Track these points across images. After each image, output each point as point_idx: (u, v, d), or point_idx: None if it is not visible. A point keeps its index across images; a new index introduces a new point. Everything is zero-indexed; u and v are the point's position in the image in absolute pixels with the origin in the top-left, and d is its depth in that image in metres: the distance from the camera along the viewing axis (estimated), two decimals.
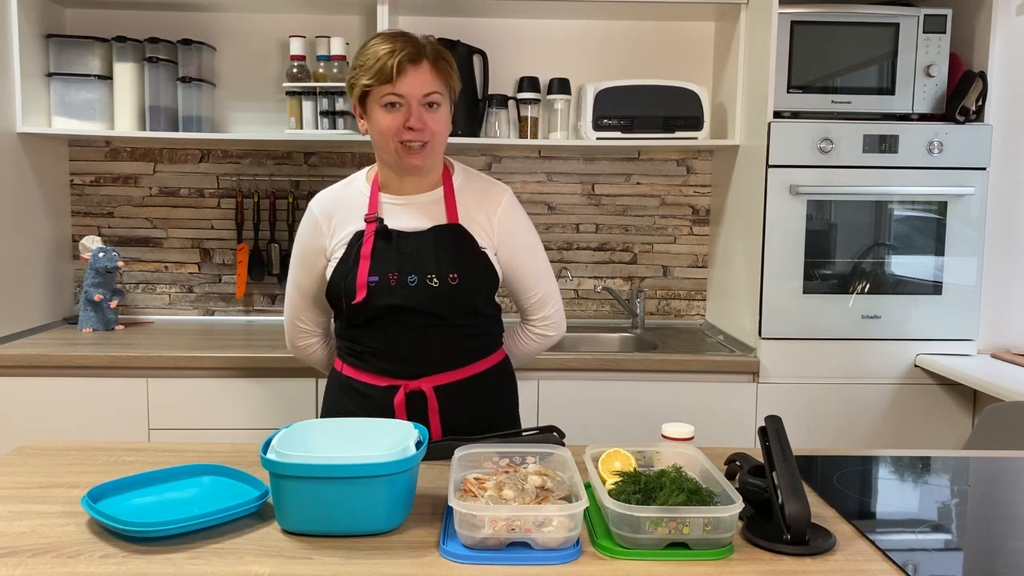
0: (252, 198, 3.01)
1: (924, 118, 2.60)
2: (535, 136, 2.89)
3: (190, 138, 2.82)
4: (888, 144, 2.52)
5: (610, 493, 1.21)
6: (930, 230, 2.58)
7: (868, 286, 2.58)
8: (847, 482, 1.47)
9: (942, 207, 2.57)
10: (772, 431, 1.26)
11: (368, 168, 1.80)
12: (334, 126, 2.78)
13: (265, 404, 2.47)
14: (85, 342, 2.60)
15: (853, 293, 2.58)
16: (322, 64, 2.81)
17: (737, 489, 1.23)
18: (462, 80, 2.80)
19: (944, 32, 2.55)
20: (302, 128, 2.79)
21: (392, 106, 1.63)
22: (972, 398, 2.57)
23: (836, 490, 1.42)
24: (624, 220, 3.11)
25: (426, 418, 1.69)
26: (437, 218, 1.71)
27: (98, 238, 2.80)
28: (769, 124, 2.51)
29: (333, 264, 1.71)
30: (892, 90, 2.58)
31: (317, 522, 1.19)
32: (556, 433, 1.55)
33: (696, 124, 2.74)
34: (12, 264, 2.66)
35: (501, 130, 2.90)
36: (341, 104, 2.77)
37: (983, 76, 2.52)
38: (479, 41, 2.93)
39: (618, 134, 2.74)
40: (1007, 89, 2.59)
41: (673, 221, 3.11)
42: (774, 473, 1.22)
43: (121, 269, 2.85)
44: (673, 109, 2.73)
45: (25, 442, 1.62)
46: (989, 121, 2.55)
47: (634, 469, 1.30)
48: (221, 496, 1.32)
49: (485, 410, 1.77)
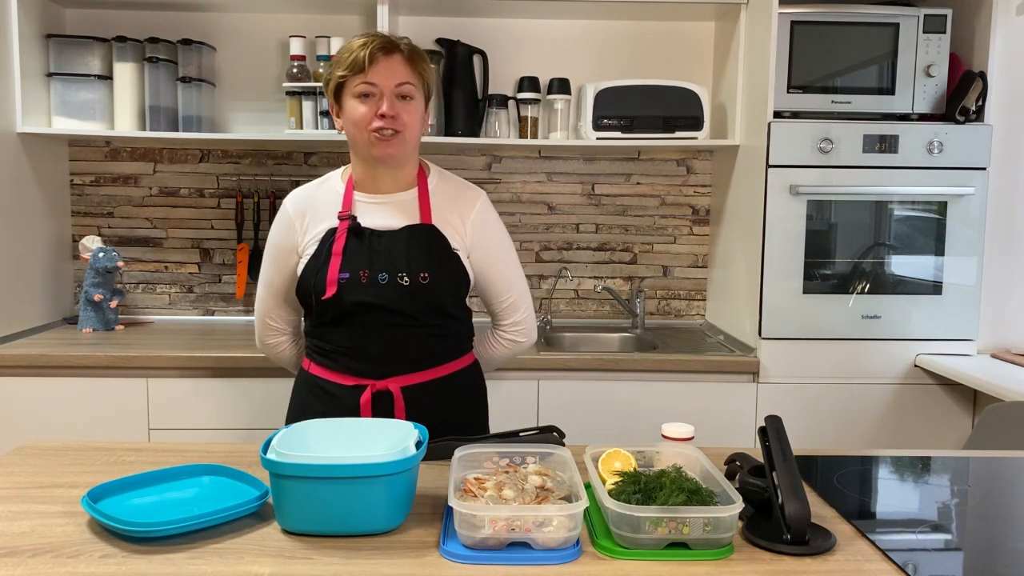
0: (252, 198, 3.01)
1: (924, 118, 2.60)
2: (535, 136, 2.89)
3: (190, 138, 2.82)
4: (888, 144, 2.52)
5: (610, 493, 1.21)
6: (930, 230, 2.58)
7: (868, 286, 2.58)
8: (847, 482, 1.47)
9: (942, 207, 2.57)
10: (772, 431, 1.26)
11: (343, 168, 1.81)
12: (334, 126, 2.76)
13: (265, 404, 2.47)
14: (85, 342, 2.60)
15: (853, 293, 2.58)
16: (322, 64, 2.81)
17: (737, 489, 1.23)
18: (462, 80, 2.85)
19: (944, 32, 2.55)
20: (302, 128, 2.79)
21: (365, 96, 1.65)
22: (972, 398, 2.57)
23: (836, 490, 1.42)
24: (624, 220, 3.11)
25: (392, 419, 1.68)
26: (411, 217, 1.72)
27: (98, 238, 2.80)
28: (769, 124, 2.51)
29: (304, 260, 1.71)
30: (892, 90, 2.58)
31: (317, 522, 1.19)
32: (556, 433, 1.55)
33: (696, 124, 2.74)
34: (12, 264, 2.66)
35: (501, 130, 2.90)
36: None
37: (983, 76, 2.52)
38: (479, 41, 2.93)
39: (618, 134, 2.74)
40: (1007, 89, 2.59)
41: (673, 221, 3.11)
42: (774, 473, 1.22)
43: (121, 269, 2.84)
44: (673, 109, 2.73)
45: (25, 442, 1.62)
46: (989, 121, 2.55)
47: (634, 469, 1.30)
48: (221, 496, 1.32)
49: (453, 413, 1.75)
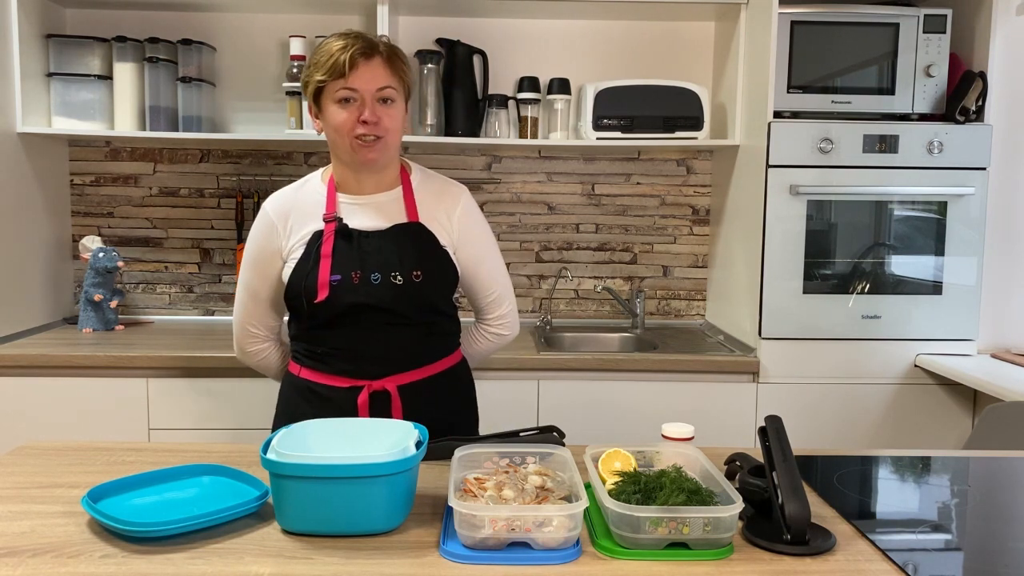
0: (252, 198, 3.01)
1: (924, 118, 2.60)
2: (535, 136, 2.89)
3: (190, 138, 2.82)
4: (888, 144, 2.52)
5: (610, 493, 1.21)
6: (930, 230, 2.58)
7: (868, 286, 2.58)
8: (847, 482, 1.47)
9: (942, 207, 2.57)
10: (772, 431, 1.26)
11: (323, 169, 1.79)
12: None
13: (265, 404, 2.45)
14: (85, 342, 2.60)
15: (853, 293, 2.57)
16: None
17: (737, 489, 1.23)
18: (462, 80, 2.85)
19: (944, 32, 2.55)
20: (302, 128, 2.79)
21: (346, 101, 1.63)
22: (972, 398, 2.57)
23: (836, 490, 1.42)
24: (624, 220, 3.11)
25: (389, 418, 1.68)
26: (397, 217, 1.71)
27: (98, 238, 2.80)
28: (769, 124, 2.51)
29: (291, 265, 1.69)
30: (892, 90, 2.58)
31: (317, 522, 1.19)
32: (556, 433, 1.55)
33: (696, 124, 2.74)
34: (12, 264, 2.66)
35: (501, 130, 2.90)
36: None
37: (983, 76, 2.52)
38: (479, 41, 2.93)
39: (618, 134, 2.74)
40: (1007, 89, 2.59)
41: (673, 221, 3.11)
42: (774, 473, 1.22)
43: (121, 269, 2.84)
44: (673, 109, 2.73)
45: (25, 442, 1.62)
46: (989, 121, 2.55)
47: (634, 469, 1.30)
48: (221, 496, 1.32)
49: (447, 410, 1.77)
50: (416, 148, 3.01)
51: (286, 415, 1.76)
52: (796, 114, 2.58)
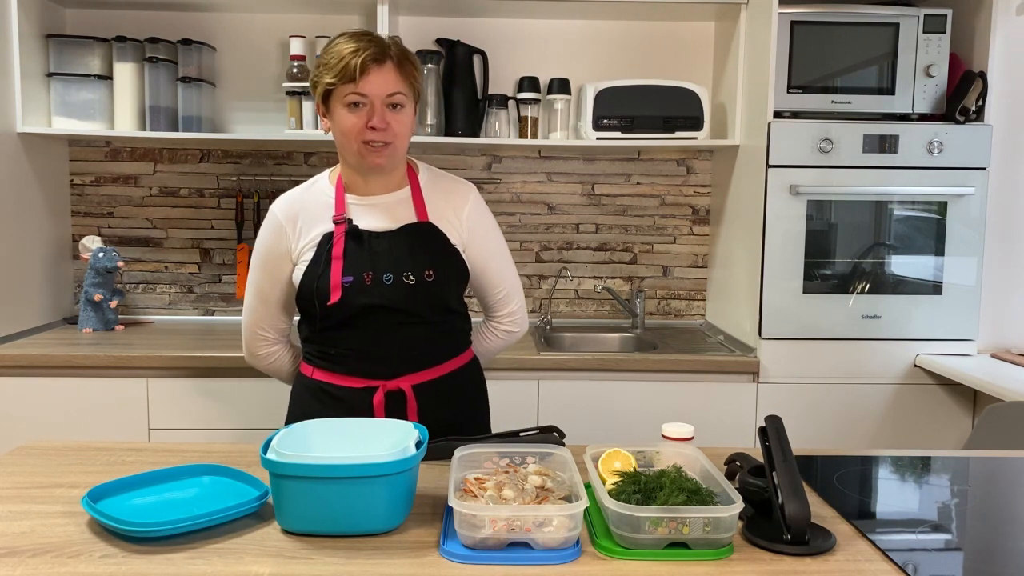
0: (252, 198, 3.01)
1: (924, 118, 2.60)
2: (535, 136, 2.89)
3: (190, 138, 2.82)
4: (888, 144, 2.52)
5: (610, 493, 1.21)
6: (930, 230, 2.58)
7: (868, 286, 2.58)
8: (847, 482, 1.47)
9: (942, 207, 2.57)
10: (772, 431, 1.26)
11: (330, 170, 1.79)
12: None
13: (265, 404, 2.47)
14: (85, 342, 2.60)
15: (853, 293, 2.57)
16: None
17: (737, 489, 1.23)
18: (462, 80, 2.85)
19: (944, 32, 2.55)
20: (302, 128, 2.79)
21: (355, 106, 1.62)
22: (972, 398, 2.57)
23: (836, 490, 1.42)
24: (624, 220, 3.11)
25: (404, 418, 1.67)
26: (406, 217, 1.71)
27: (98, 238, 2.80)
28: (769, 124, 2.51)
29: (302, 267, 1.69)
30: (892, 90, 2.58)
31: (317, 522, 1.19)
32: (556, 433, 1.55)
33: (696, 124, 2.74)
34: (12, 264, 2.66)
35: (501, 130, 2.90)
36: None
37: (983, 76, 2.52)
38: (479, 41, 2.93)
39: (618, 134, 2.74)
40: (1007, 89, 2.59)
41: (673, 221, 3.11)
42: (774, 473, 1.22)
43: (121, 269, 2.84)
44: (673, 109, 2.73)
45: (25, 442, 1.62)
46: (989, 121, 2.55)
47: (634, 469, 1.30)
48: (221, 496, 1.32)
49: (460, 408, 1.78)
50: (416, 148, 3.00)
51: (299, 416, 1.74)
52: (796, 114, 2.58)
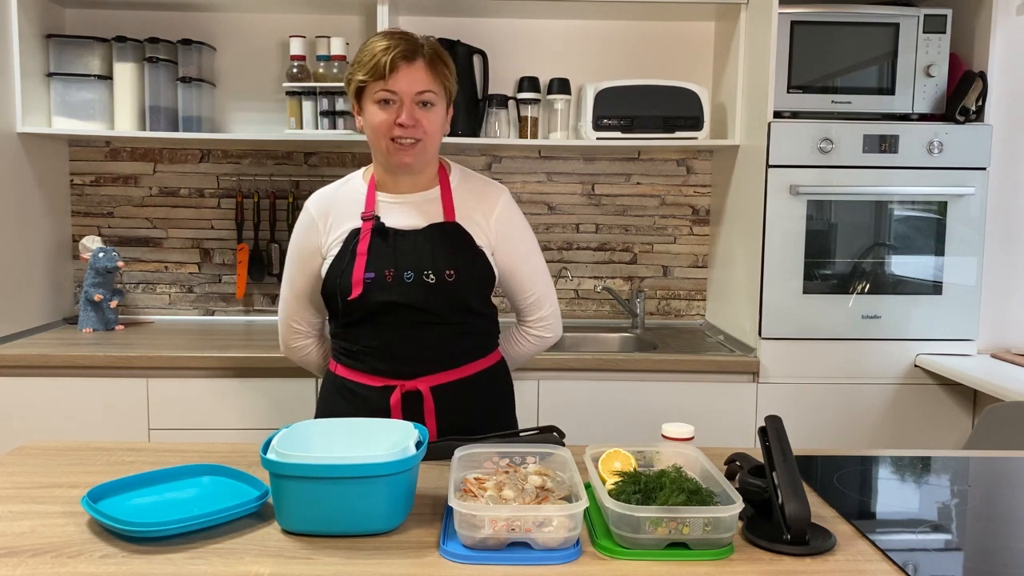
0: (252, 198, 3.01)
1: (924, 118, 2.60)
2: (535, 136, 2.89)
3: (190, 138, 2.82)
4: (888, 144, 2.52)
5: (610, 493, 1.21)
6: (930, 230, 2.58)
7: (868, 286, 2.58)
8: (847, 482, 1.47)
9: (942, 207, 2.57)
10: (772, 431, 1.26)
11: (365, 168, 1.81)
12: (334, 126, 2.78)
13: (265, 404, 2.47)
14: (85, 342, 2.60)
15: (853, 293, 2.57)
16: (322, 64, 2.81)
17: (737, 489, 1.23)
18: (462, 80, 2.85)
19: (944, 32, 2.55)
20: (302, 128, 2.79)
21: (385, 103, 1.64)
22: (972, 398, 2.57)
23: (836, 490, 1.42)
24: (624, 220, 3.11)
25: (422, 419, 1.68)
26: (434, 216, 1.72)
27: (98, 238, 2.80)
28: (769, 124, 2.51)
29: (328, 262, 1.71)
30: (892, 90, 2.58)
31: (317, 522, 1.19)
32: (556, 433, 1.55)
33: (696, 124, 2.74)
34: (12, 264, 2.66)
35: (501, 130, 2.90)
36: (341, 104, 2.77)
37: (983, 76, 2.52)
38: (479, 41, 2.93)
39: (618, 134, 2.74)
40: (1007, 89, 2.59)
41: (673, 221, 3.11)
42: (774, 473, 1.22)
43: (121, 269, 2.84)
44: (673, 109, 2.73)
45: (25, 442, 1.62)
46: (989, 121, 2.55)
47: (634, 469, 1.30)
48: (221, 496, 1.32)
49: (481, 411, 1.76)
50: None
51: (325, 412, 1.78)
52: (796, 114, 2.58)
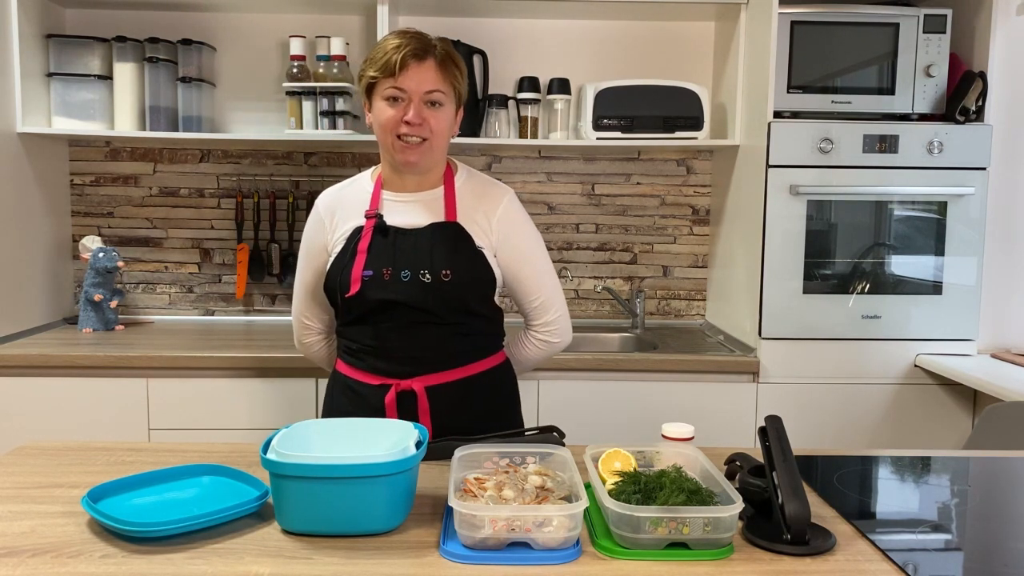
0: (252, 198, 3.01)
1: (924, 118, 2.60)
2: (535, 136, 2.89)
3: (190, 138, 2.82)
4: (888, 144, 2.52)
5: (610, 493, 1.21)
6: (930, 230, 2.58)
7: (868, 286, 2.58)
8: (847, 482, 1.47)
9: (942, 207, 2.57)
10: (772, 431, 1.26)
11: (375, 167, 1.82)
12: (334, 126, 2.78)
13: (265, 404, 2.47)
14: (85, 342, 2.60)
15: (853, 293, 2.57)
16: (322, 64, 2.81)
17: (737, 489, 1.23)
18: None
19: (944, 32, 2.55)
20: (302, 128, 2.79)
21: (394, 100, 1.65)
22: (972, 398, 2.57)
23: (836, 490, 1.42)
24: (624, 220, 3.11)
25: (416, 418, 1.68)
26: (436, 216, 1.72)
27: (98, 238, 2.80)
28: (769, 124, 2.51)
29: (332, 259, 1.73)
30: (892, 90, 2.58)
31: (317, 522, 1.19)
32: (556, 433, 1.55)
33: (696, 124, 2.74)
34: (12, 264, 2.66)
35: (501, 130, 2.90)
36: (341, 104, 2.77)
37: (983, 76, 2.52)
38: (479, 41, 2.93)
39: (618, 134, 2.74)
40: (1007, 89, 2.59)
41: (673, 221, 3.11)
42: (774, 473, 1.22)
43: (121, 269, 2.84)
44: (673, 109, 2.73)
45: (25, 442, 1.62)
46: (989, 121, 2.55)
47: (634, 469, 1.30)
48: (221, 496, 1.32)
49: (479, 414, 1.73)
50: None
51: (329, 409, 1.81)
52: (796, 114, 2.58)
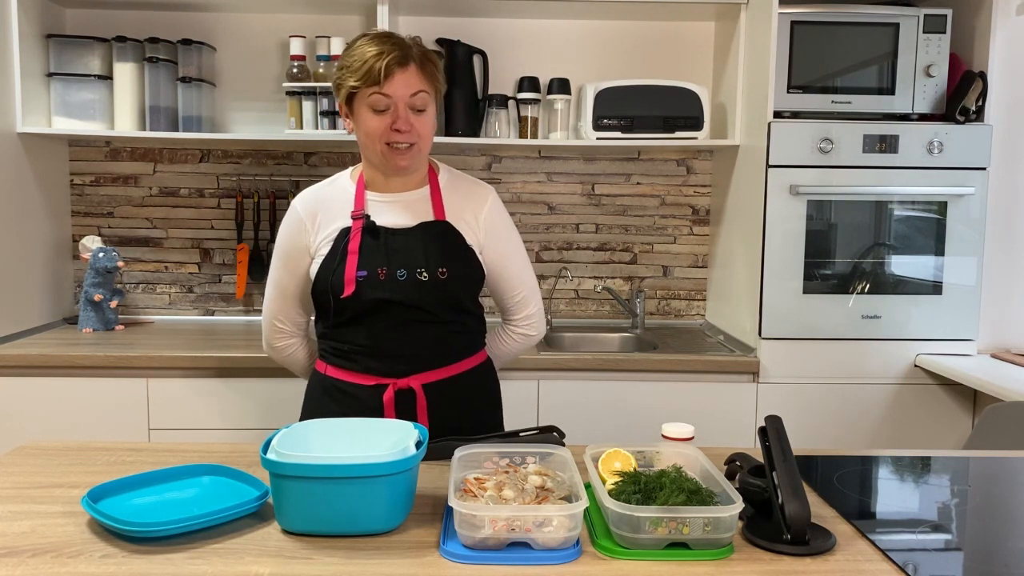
0: (252, 198, 3.01)
1: (924, 118, 2.60)
2: (535, 136, 2.89)
3: (190, 138, 2.82)
4: (888, 144, 2.52)
5: (610, 493, 1.21)
6: (930, 230, 2.58)
7: (868, 286, 2.58)
8: (847, 482, 1.47)
9: (942, 207, 2.57)
10: (772, 431, 1.26)
11: (352, 168, 1.81)
12: (334, 126, 2.78)
13: (265, 404, 2.47)
14: (85, 342, 2.60)
15: (853, 293, 2.57)
16: (322, 64, 2.81)
17: (737, 489, 1.23)
18: (462, 80, 2.85)
19: (944, 32, 2.55)
20: (302, 128, 2.79)
21: (380, 108, 1.64)
22: (972, 398, 2.57)
23: (836, 490, 1.42)
24: (624, 220, 3.11)
25: (414, 417, 1.69)
26: (424, 215, 1.73)
27: (98, 238, 2.80)
28: (769, 124, 2.51)
29: (318, 261, 1.71)
30: (892, 90, 2.58)
31: (317, 522, 1.19)
32: (556, 433, 1.55)
33: (696, 124, 2.74)
34: (12, 264, 2.66)
35: (501, 130, 2.90)
36: None
37: (983, 76, 2.52)
38: (479, 41, 2.93)
39: (618, 134, 2.74)
40: (1007, 89, 2.59)
41: (673, 221, 3.11)
42: (774, 473, 1.22)
43: (121, 269, 2.84)
44: (673, 109, 2.73)
45: (25, 442, 1.62)
46: (989, 121, 2.55)
47: (634, 469, 1.30)
48: (221, 496, 1.32)
49: (472, 409, 1.78)
50: None
51: (313, 414, 1.77)
52: (796, 114, 2.58)
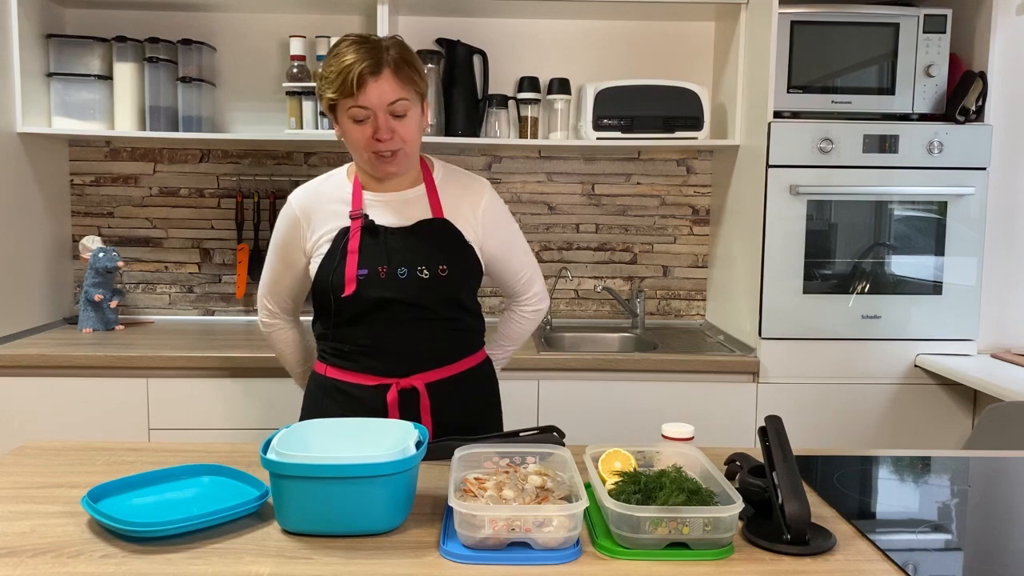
0: (252, 198, 3.01)
1: (924, 118, 2.60)
2: (535, 136, 2.89)
3: (190, 138, 2.82)
4: (888, 144, 2.52)
5: (610, 493, 1.21)
6: (930, 230, 2.58)
7: (868, 286, 2.58)
8: (847, 482, 1.47)
9: (942, 207, 2.57)
10: (772, 431, 1.26)
11: (348, 165, 1.80)
12: (334, 126, 2.77)
13: (265, 404, 2.47)
14: (85, 342, 2.60)
15: (853, 293, 2.57)
16: (322, 64, 2.81)
17: (737, 489, 1.23)
18: (462, 80, 2.85)
19: (944, 32, 2.55)
20: (302, 128, 2.79)
21: (359, 119, 1.63)
22: (972, 398, 2.57)
23: (836, 490, 1.42)
24: (624, 220, 3.11)
25: (418, 416, 1.69)
26: (421, 213, 1.73)
27: (98, 238, 2.80)
28: (769, 124, 2.51)
29: (317, 260, 1.71)
30: (892, 90, 2.58)
31: (317, 522, 1.19)
32: (556, 433, 1.55)
33: (696, 124, 2.74)
34: (12, 264, 2.66)
35: (501, 130, 2.90)
36: None
37: (983, 76, 2.52)
38: (479, 41, 2.93)
39: (618, 134, 2.74)
40: (1007, 89, 2.59)
41: (673, 221, 3.11)
42: (774, 473, 1.22)
43: (121, 269, 2.84)
44: (673, 109, 2.73)
45: (25, 442, 1.62)
46: (989, 121, 2.55)
47: (634, 469, 1.30)
48: (221, 496, 1.32)
49: (473, 408, 1.79)
50: None
51: (313, 415, 1.77)
52: (796, 114, 2.58)
